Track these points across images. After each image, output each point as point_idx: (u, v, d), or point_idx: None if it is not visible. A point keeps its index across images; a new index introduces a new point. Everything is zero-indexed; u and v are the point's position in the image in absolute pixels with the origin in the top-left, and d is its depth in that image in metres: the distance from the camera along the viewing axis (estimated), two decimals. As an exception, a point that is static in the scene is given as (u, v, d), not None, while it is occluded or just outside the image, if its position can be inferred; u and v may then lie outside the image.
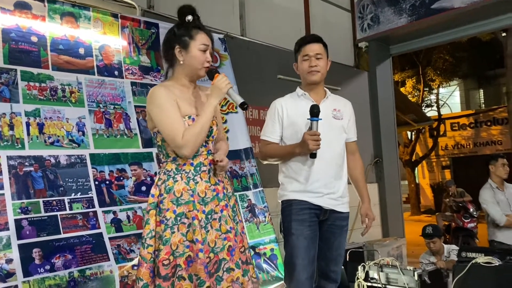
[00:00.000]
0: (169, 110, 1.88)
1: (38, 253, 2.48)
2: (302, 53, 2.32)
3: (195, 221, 1.85)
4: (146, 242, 1.87)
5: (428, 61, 14.22)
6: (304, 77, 2.34)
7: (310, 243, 2.21)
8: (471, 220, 6.87)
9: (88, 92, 2.96)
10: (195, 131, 1.86)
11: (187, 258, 1.84)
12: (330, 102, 2.35)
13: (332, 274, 2.33)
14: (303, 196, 2.24)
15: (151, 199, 1.92)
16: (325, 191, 2.25)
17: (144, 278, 1.85)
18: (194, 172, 1.91)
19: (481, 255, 2.90)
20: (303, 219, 2.21)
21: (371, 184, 5.80)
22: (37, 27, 2.81)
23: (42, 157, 2.67)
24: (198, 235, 1.83)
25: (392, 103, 6.21)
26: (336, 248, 2.32)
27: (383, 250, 4.75)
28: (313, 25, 5.42)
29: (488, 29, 5.75)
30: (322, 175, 2.25)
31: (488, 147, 16.63)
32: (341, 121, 2.37)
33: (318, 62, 2.29)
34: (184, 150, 1.85)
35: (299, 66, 2.36)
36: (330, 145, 2.26)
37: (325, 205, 2.25)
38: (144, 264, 1.85)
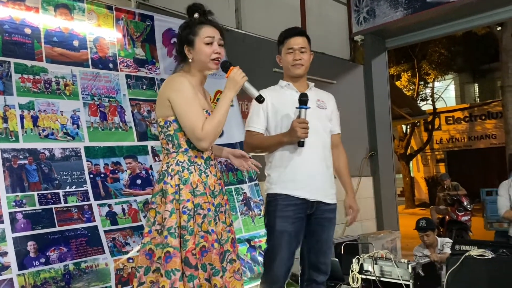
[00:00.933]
0: (194, 101, 1.90)
1: (33, 246, 2.48)
2: (286, 46, 2.34)
3: (210, 212, 1.90)
4: (175, 232, 1.85)
5: (424, 54, 14.25)
6: (288, 69, 2.36)
7: (293, 239, 2.22)
8: (465, 213, 6.92)
9: (83, 84, 2.94)
10: (213, 124, 1.88)
11: (201, 249, 1.87)
12: (314, 93, 2.37)
13: (322, 266, 2.35)
14: (289, 189, 2.23)
15: (170, 188, 1.89)
16: (310, 182, 2.24)
17: (142, 263, 1.89)
18: (205, 165, 1.96)
19: (474, 248, 2.93)
20: (288, 216, 2.22)
21: (366, 177, 5.83)
22: (30, 19, 2.78)
23: (36, 150, 2.65)
24: (213, 226, 1.89)
25: (387, 96, 6.22)
26: (325, 241, 2.34)
27: (377, 243, 4.79)
28: (309, 18, 5.41)
29: (483, 23, 5.77)
30: (310, 164, 2.25)
31: (482, 141, 16.74)
32: (325, 111, 2.40)
33: (302, 55, 2.33)
34: (203, 143, 1.87)
35: (283, 58, 2.38)
36: (316, 134, 2.26)
37: (311, 197, 2.25)
38: (177, 254, 1.83)
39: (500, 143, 14.73)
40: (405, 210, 14.26)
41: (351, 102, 5.78)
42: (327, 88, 5.36)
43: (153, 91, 3.28)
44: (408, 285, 3.25)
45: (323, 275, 2.37)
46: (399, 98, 8.21)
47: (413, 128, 15.29)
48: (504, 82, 11.75)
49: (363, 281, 3.47)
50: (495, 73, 16.65)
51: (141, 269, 1.90)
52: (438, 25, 5.68)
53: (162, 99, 1.96)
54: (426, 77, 15.09)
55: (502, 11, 5.22)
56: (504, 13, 5.28)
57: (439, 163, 18.11)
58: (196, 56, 1.99)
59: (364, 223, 5.71)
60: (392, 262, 3.35)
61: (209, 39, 1.97)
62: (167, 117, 1.96)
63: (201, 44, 1.97)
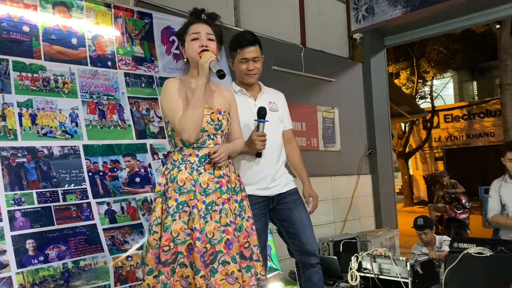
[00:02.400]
0: (174, 98, 1.96)
1: (32, 244, 2.48)
2: (240, 56, 2.41)
3: (195, 209, 1.89)
4: (152, 229, 1.94)
5: (422, 52, 14.26)
6: (241, 77, 2.46)
7: (261, 233, 2.32)
8: (463, 211, 6.94)
9: (81, 82, 2.94)
10: (188, 114, 1.90)
11: (188, 246, 1.88)
12: (266, 96, 2.48)
13: (307, 246, 2.41)
14: (250, 190, 2.33)
15: (158, 187, 1.98)
16: (268, 181, 2.40)
17: (150, 263, 1.92)
18: (199, 163, 1.96)
19: (472, 246, 2.93)
20: (254, 214, 2.29)
21: (365, 175, 5.83)
22: (28, 17, 2.78)
23: (35, 148, 2.65)
24: (197, 224, 1.87)
25: (386, 94, 6.22)
26: (299, 221, 2.42)
27: (376, 240, 4.79)
28: (308, 16, 5.40)
29: (482, 21, 5.75)
30: (265, 168, 2.40)
31: (481, 139, 16.76)
32: (277, 113, 2.51)
33: (256, 64, 2.42)
34: (182, 135, 1.91)
35: (236, 66, 2.46)
36: (270, 138, 2.38)
37: (271, 193, 2.42)
38: (150, 250, 1.92)
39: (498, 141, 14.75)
40: (403, 208, 14.29)
41: (350, 100, 5.78)
42: (326, 86, 5.40)
43: (152, 89, 3.28)
44: (407, 282, 3.25)
45: (313, 256, 2.43)
46: (398, 96, 8.21)
47: (412, 126, 15.31)
48: (503, 80, 11.77)
49: (362, 279, 3.48)
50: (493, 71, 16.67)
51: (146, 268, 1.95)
52: (437, 23, 5.68)
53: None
54: (424, 75, 15.10)
55: (500, 9, 5.22)
56: (503, 11, 5.27)
57: (437, 161, 18.14)
58: (187, 53, 2.08)
59: (362, 221, 5.72)
60: (390, 260, 3.36)
61: (194, 35, 2.03)
62: (165, 118, 2.06)
63: (189, 41, 2.05)
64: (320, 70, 5.32)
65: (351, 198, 5.58)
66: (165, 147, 3.22)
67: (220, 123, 2.01)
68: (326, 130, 5.39)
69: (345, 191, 5.50)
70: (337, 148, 5.52)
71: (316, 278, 2.43)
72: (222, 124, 2.03)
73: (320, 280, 2.45)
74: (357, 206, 5.64)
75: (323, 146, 5.32)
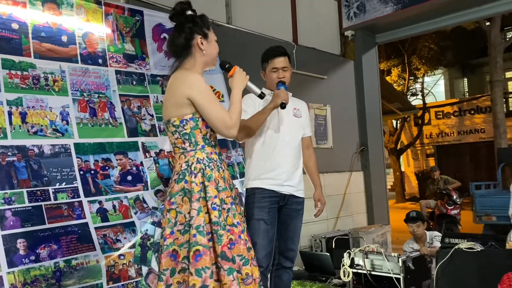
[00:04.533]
0: (215, 96, 2.04)
1: (23, 243, 2.46)
2: (271, 66, 2.64)
3: (233, 205, 1.97)
4: (204, 230, 1.88)
5: (414, 50, 14.32)
6: (272, 85, 2.64)
7: (269, 226, 2.50)
8: (455, 207, 6.99)
9: (72, 80, 2.91)
10: (237, 114, 2.01)
11: (229, 242, 1.92)
12: (292, 103, 2.64)
13: (290, 252, 2.64)
14: (265, 184, 2.52)
15: (196, 187, 1.92)
16: (285, 179, 2.55)
17: (210, 266, 1.88)
18: (219, 160, 2.04)
19: (463, 241, 2.96)
20: (264, 206, 2.49)
21: (357, 172, 5.86)
22: (18, 14, 2.74)
23: (25, 147, 2.63)
24: (238, 218, 1.96)
25: (377, 92, 6.24)
26: (293, 229, 2.63)
27: (368, 237, 4.82)
28: (299, 13, 5.40)
29: (472, 18, 5.80)
30: (283, 165, 2.55)
31: (471, 135, 16.90)
32: (300, 119, 2.71)
33: (285, 73, 2.63)
34: (233, 130, 1.98)
35: (267, 75, 2.68)
36: (291, 139, 2.61)
37: (284, 191, 2.56)
38: (207, 252, 1.86)
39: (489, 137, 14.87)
40: (395, 204, 14.37)
41: (342, 97, 5.79)
42: (318, 83, 5.40)
43: (143, 86, 3.26)
44: (399, 278, 3.28)
45: (290, 261, 2.66)
46: (389, 93, 8.25)
47: (403, 123, 15.39)
48: (493, 77, 11.86)
49: (354, 275, 3.49)
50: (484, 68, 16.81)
51: (167, 272, 1.90)
52: (428, 20, 5.70)
53: (179, 98, 1.96)
54: (416, 72, 15.16)
55: (490, 6, 5.26)
56: (492, 8, 5.31)
57: (429, 158, 18.26)
58: (208, 49, 2.06)
59: (355, 218, 5.74)
60: (382, 256, 3.38)
61: (215, 37, 2.10)
62: (183, 116, 1.97)
63: (212, 40, 2.08)
64: (312, 68, 5.32)
65: (344, 195, 5.60)
66: (157, 145, 3.21)
67: None
68: (318, 127, 5.40)
69: (337, 188, 5.52)
70: (329, 145, 5.54)
71: (286, 277, 2.66)
72: None
73: (289, 280, 2.68)
74: (349, 203, 5.67)
75: (316, 143, 5.33)
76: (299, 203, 2.64)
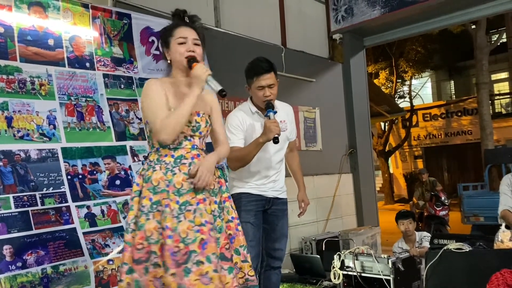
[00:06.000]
0: (154, 98, 1.99)
1: (9, 250, 2.42)
2: (256, 84, 2.56)
3: (167, 208, 1.89)
4: (129, 227, 1.94)
5: (401, 52, 14.45)
6: (259, 102, 2.61)
7: (256, 228, 2.60)
8: (443, 208, 7.06)
9: (59, 84, 2.88)
10: (174, 116, 1.92)
11: (161, 246, 1.86)
12: (278, 116, 2.59)
13: (277, 252, 2.70)
14: (251, 189, 2.64)
15: (135, 187, 1.99)
16: (269, 186, 2.67)
17: (128, 262, 1.90)
18: (174, 164, 1.96)
19: (452, 242, 2.98)
20: (250, 209, 2.59)
21: (346, 174, 5.88)
22: (3, 17, 2.71)
23: (11, 152, 2.59)
24: (169, 222, 1.86)
25: (366, 94, 6.28)
26: (280, 229, 2.71)
27: (358, 238, 4.83)
28: (288, 17, 5.42)
29: (458, 21, 5.87)
30: (268, 174, 2.66)
31: (458, 137, 17.09)
32: (285, 132, 2.71)
33: (271, 90, 2.57)
34: (160, 134, 1.91)
35: (253, 92, 2.61)
36: (276, 153, 2.68)
37: (269, 195, 2.67)
38: (128, 249, 1.91)
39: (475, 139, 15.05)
40: (384, 206, 14.46)
41: (330, 100, 5.82)
42: (306, 86, 5.42)
43: (131, 90, 3.24)
44: (389, 280, 3.29)
45: (278, 260, 2.72)
46: (377, 96, 8.30)
47: (391, 125, 15.50)
48: (479, 79, 12.02)
49: (345, 277, 3.50)
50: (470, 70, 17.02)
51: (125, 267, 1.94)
52: (415, 23, 5.76)
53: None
54: (403, 75, 15.31)
55: (476, 9, 5.33)
56: (478, 12, 5.38)
57: (417, 159, 18.41)
58: (172, 56, 2.08)
59: (344, 220, 5.76)
60: (372, 258, 3.39)
61: (181, 39, 2.04)
62: (144, 119, 2.07)
63: (175, 44, 2.05)
64: (301, 71, 5.34)
65: (333, 197, 5.62)
66: (146, 148, 3.19)
67: (198, 125, 2.02)
68: (307, 130, 5.41)
69: (327, 190, 5.54)
70: (319, 148, 5.56)
71: (275, 278, 2.72)
72: (200, 126, 2.03)
73: (278, 281, 2.74)
74: (339, 205, 5.68)
75: (305, 146, 5.34)
76: (284, 203, 2.75)
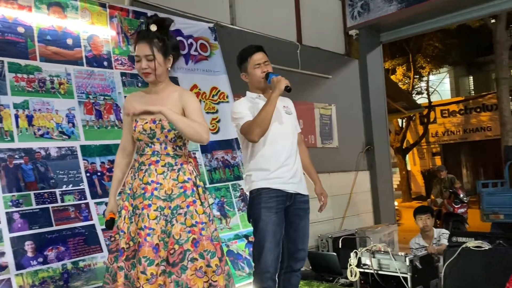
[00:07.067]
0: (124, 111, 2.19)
1: (31, 245, 2.48)
2: (252, 63, 2.57)
3: (122, 211, 2.06)
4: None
5: (418, 48, 14.26)
6: (259, 82, 2.57)
7: (277, 228, 2.43)
8: (462, 205, 6.96)
9: (77, 83, 2.93)
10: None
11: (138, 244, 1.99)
12: (280, 101, 2.57)
13: (300, 253, 2.58)
14: (271, 184, 2.46)
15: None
16: (288, 176, 2.49)
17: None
18: (137, 169, 2.08)
19: (471, 240, 2.94)
20: (271, 207, 2.42)
21: (363, 171, 5.84)
22: (23, 18, 2.76)
23: (32, 150, 2.64)
24: (121, 223, 2.05)
25: (382, 91, 6.22)
26: (301, 229, 2.57)
27: (375, 236, 4.80)
28: (303, 13, 5.40)
29: (477, 15, 5.76)
30: (286, 163, 2.51)
31: (478, 133, 16.80)
32: (291, 115, 2.67)
33: (268, 67, 2.57)
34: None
35: (250, 73, 2.58)
36: (288, 136, 2.56)
37: (290, 190, 2.49)
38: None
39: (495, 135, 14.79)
40: (401, 203, 14.32)
41: (347, 96, 5.78)
42: (322, 83, 5.40)
43: (148, 88, 3.27)
44: (406, 277, 3.26)
45: (300, 262, 2.59)
46: (394, 92, 8.22)
47: (409, 121, 15.33)
48: (499, 74, 11.80)
49: (361, 274, 3.48)
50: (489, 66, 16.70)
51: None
52: (432, 18, 5.68)
53: None
54: (421, 71, 15.11)
55: (496, 3, 5.22)
56: (498, 6, 5.27)
57: (435, 156, 18.18)
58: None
59: (361, 217, 5.73)
60: (389, 255, 3.36)
61: (136, 57, 2.09)
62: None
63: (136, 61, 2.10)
64: (317, 67, 5.32)
65: (350, 195, 5.59)
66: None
67: (153, 132, 2.05)
68: (323, 127, 5.39)
69: (343, 187, 5.51)
70: (335, 145, 5.53)
71: (294, 280, 2.59)
72: (155, 133, 2.06)
73: (297, 282, 2.62)
74: (355, 202, 5.65)
75: (321, 143, 5.32)
76: (305, 202, 2.59)
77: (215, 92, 3.77)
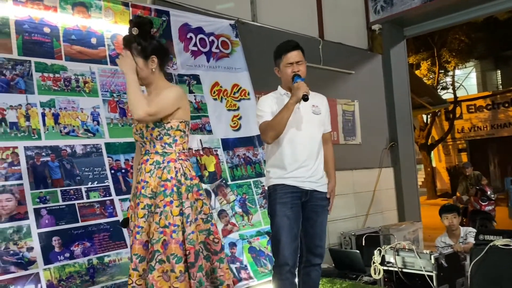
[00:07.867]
0: None
1: (58, 241, 2.53)
2: (285, 61, 2.56)
3: (129, 210, 2.14)
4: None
5: (443, 42, 13.94)
6: (288, 81, 2.57)
7: (293, 222, 2.46)
8: (489, 203, 6.79)
9: (102, 81, 2.98)
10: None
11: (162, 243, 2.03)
12: (310, 99, 2.53)
13: (317, 249, 2.59)
14: (287, 180, 2.49)
15: None
16: (306, 175, 2.51)
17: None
18: (138, 170, 2.15)
19: (499, 238, 2.87)
20: (286, 202, 2.46)
21: (387, 168, 5.76)
22: (49, 18, 2.82)
23: (58, 147, 2.70)
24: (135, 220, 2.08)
25: (407, 86, 6.12)
26: (319, 225, 2.58)
27: (399, 234, 4.74)
28: (325, 9, 5.35)
29: (505, 7, 5.59)
30: (305, 164, 2.52)
31: (505, 129, 16.36)
32: (319, 116, 2.65)
33: (300, 67, 2.55)
34: None
35: (282, 71, 2.59)
36: (311, 137, 2.57)
37: (306, 187, 2.52)
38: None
39: (524, 131, 14.39)
40: (426, 200, 14.08)
41: (370, 92, 5.71)
42: (345, 79, 5.34)
43: (171, 86, 3.30)
44: (431, 276, 3.21)
45: (318, 258, 2.61)
46: (419, 87, 8.07)
47: (434, 117, 15.04)
48: (528, 68, 11.45)
49: (385, 272, 3.44)
50: (518, 59, 16.24)
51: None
52: (458, 11, 5.54)
53: None
54: (446, 65, 14.78)
55: (525, -6, 5.07)
56: (527, -3, 5.12)
57: (461, 153, 17.79)
58: None
59: (385, 215, 5.65)
60: (414, 253, 3.31)
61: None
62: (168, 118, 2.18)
63: None
64: (339, 63, 5.26)
65: (373, 192, 5.52)
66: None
67: (142, 132, 2.10)
68: (346, 123, 5.34)
69: (366, 184, 5.45)
70: (358, 141, 5.47)
71: (314, 274, 2.61)
72: (143, 132, 2.10)
73: (317, 277, 2.64)
74: (379, 200, 5.58)
75: (344, 140, 5.27)
76: (324, 198, 2.60)
77: (236, 90, 3.77)
